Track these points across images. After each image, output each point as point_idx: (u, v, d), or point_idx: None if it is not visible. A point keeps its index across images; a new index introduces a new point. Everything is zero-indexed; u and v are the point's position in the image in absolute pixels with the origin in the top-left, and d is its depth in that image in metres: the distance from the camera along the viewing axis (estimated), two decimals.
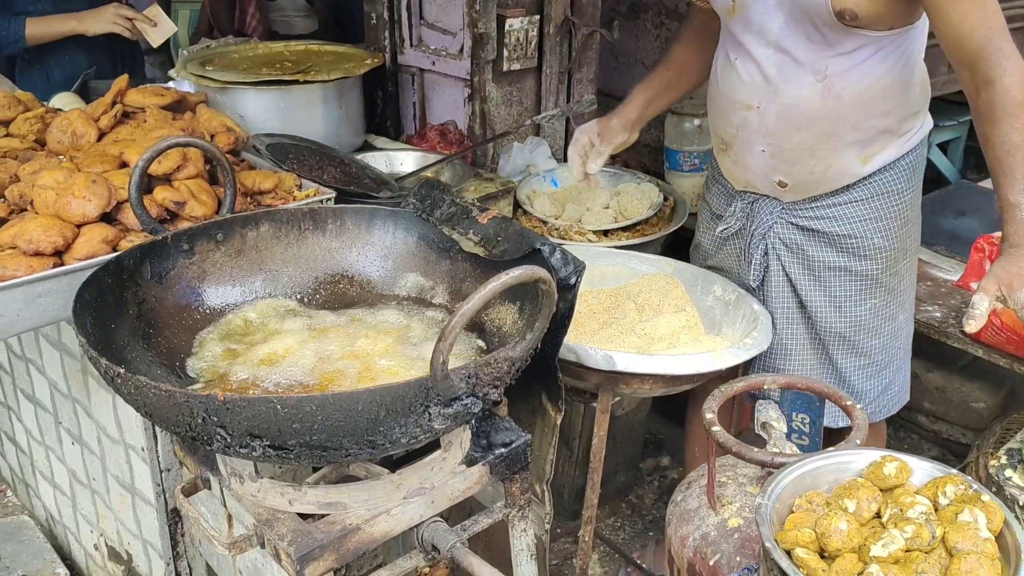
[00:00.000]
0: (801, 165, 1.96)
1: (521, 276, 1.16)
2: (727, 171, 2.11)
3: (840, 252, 2.02)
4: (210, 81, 2.43)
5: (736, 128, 1.99)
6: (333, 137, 2.49)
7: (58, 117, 2.18)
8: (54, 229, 1.69)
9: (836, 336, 2.08)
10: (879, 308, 2.07)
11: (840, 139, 1.91)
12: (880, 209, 1.99)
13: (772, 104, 1.91)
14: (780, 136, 1.93)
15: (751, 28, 1.89)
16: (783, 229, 2.05)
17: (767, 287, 2.11)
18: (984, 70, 1.68)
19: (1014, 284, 1.64)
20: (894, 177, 1.98)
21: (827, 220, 2.01)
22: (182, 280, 1.61)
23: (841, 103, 1.87)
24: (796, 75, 1.87)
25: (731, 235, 2.15)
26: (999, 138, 1.67)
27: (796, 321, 2.10)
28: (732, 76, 1.97)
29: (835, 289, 2.05)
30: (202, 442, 1.23)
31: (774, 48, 1.88)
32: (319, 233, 1.74)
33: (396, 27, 2.81)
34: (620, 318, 2.17)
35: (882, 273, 2.04)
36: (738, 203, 2.10)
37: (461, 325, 1.13)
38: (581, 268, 1.50)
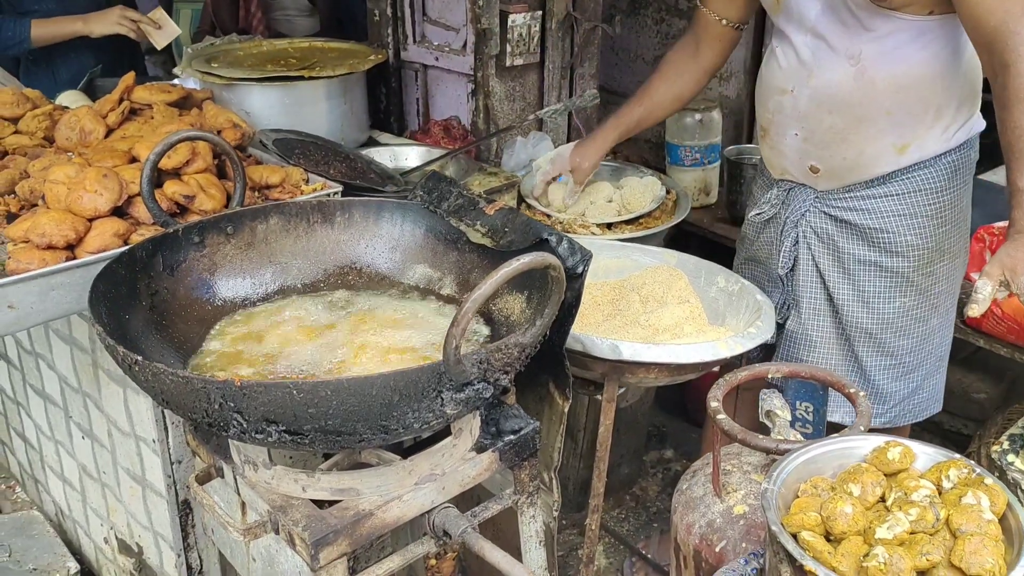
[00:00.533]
0: (832, 149, 1.95)
1: (532, 262, 1.18)
2: (766, 159, 2.14)
3: (871, 246, 2.00)
4: (216, 78, 2.45)
5: (772, 113, 2.03)
6: (338, 133, 2.51)
7: (66, 114, 2.20)
8: (66, 223, 1.71)
9: (862, 332, 2.05)
10: (909, 308, 2.04)
11: (872, 125, 1.90)
12: (916, 206, 1.96)
13: (805, 88, 1.93)
14: (812, 119, 1.95)
15: (792, 17, 1.94)
16: (815, 218, 2.04)
17: (795, 277, 2.11)
18: (1000, 53, 1.68)
19: (1018, 269, 1.64)
20: (934, 175, 1.95)
21: (860, 212, 1.99)
22: (193, 272, 1.63)
23: (875, 88, 1.86)
24: (830, 59, 1.89)
25: (766, 222, 2.16)
26: (1012, 123, 1.67)
27: (823, 313, 2.08)
28: (772, 63, 2.02)
29: (864, 284, 2.03)
30: (218, 428, 1.25)
31: (811, 34, 1.91)
32: (328, 226, 1.76)
33: (399, 23, 2.83)
34: (624, 310, 2.18)
35: (914, 272, 2.00)
36: (775, 190, 2.12)
37: (474, 311, 1.15)
38: (588, 257, 1.52)
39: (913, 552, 1.30)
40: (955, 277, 2.08)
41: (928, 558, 1.27)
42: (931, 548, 1.29)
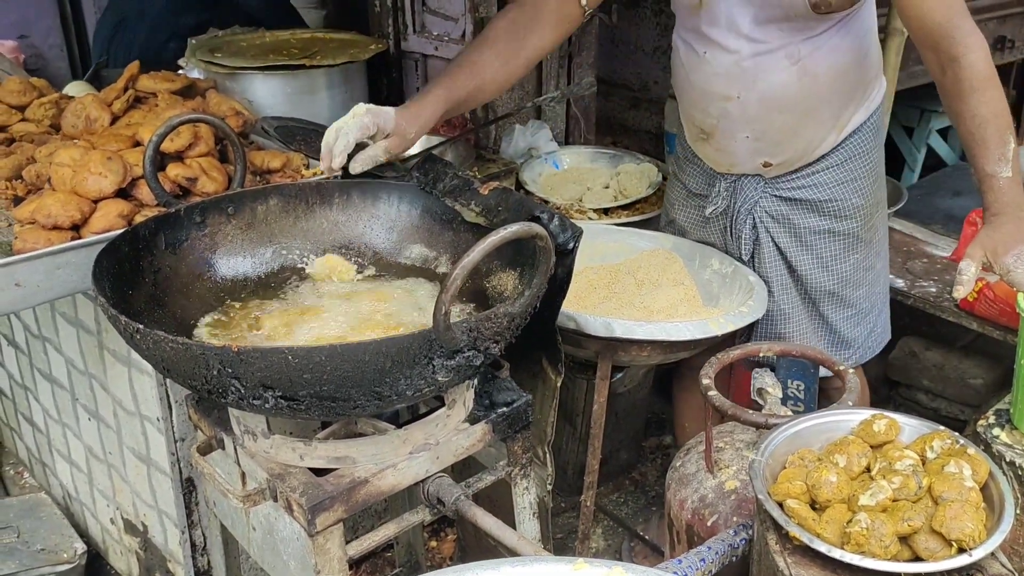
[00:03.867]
0: (785, 145, 2.03)
1: (519, 231, 1.21)
2: (707, 157, 2.16)
3: (823, 216, 2.10)
4: (219, 67, 2.50)
5: (717, 119, 2.04)
6: None
7: (72, 102, 2.24)
8: (71, 204, 1.76)
9: (825, 293, 2.16)
10: (860, 261, 2.16)
11: (818, 115, 1.99)
12: (854, 171, 2.08)
13: (752, 93, 1.97)
14: (763, 121, 1.99)
15: (719, 22, 1.93)
16: (768, 203, 2.12)
17: (759, 258, 2.18)
18: (948, 48, 1.74)
19: (998, 250, 1.70)
20: (863, 139, 2.07)
21: (808, 188, 2.09)
22: (195, 251, 1.67)
23: (817, 82, 1.94)
24: (771, 62, 1.93)
25: (717, 214, 2.21)
26: (969, 112, 1.73)
27: (789, 286, 2.18)
28: (704, 69, 2.00)
29: (821, 251, 2.13)
30: (217, 395, 1.29)
31: (746, 39, 1.92)
32: (326, 207, 1.80)
33: (399, 14, 2.87)
34: (620, 292, 2.22)
35: (860, 229, 2.13)
36: (721, 183, 2.16)
37: (463, 277, 1.19)
38: (579, 233, 1.56)
39: (895, 518, 1.33)
40: (885, 221, 2.25)
41: (909, 523, 1.30)
42: (913, 514, 1.33)
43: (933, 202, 3.20)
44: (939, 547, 1.27)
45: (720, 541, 1.58)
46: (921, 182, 3.69)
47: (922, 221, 3.03)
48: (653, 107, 3.46)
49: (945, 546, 1.26)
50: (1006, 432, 1.76)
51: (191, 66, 2.62)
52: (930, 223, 3.01)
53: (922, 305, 2.60)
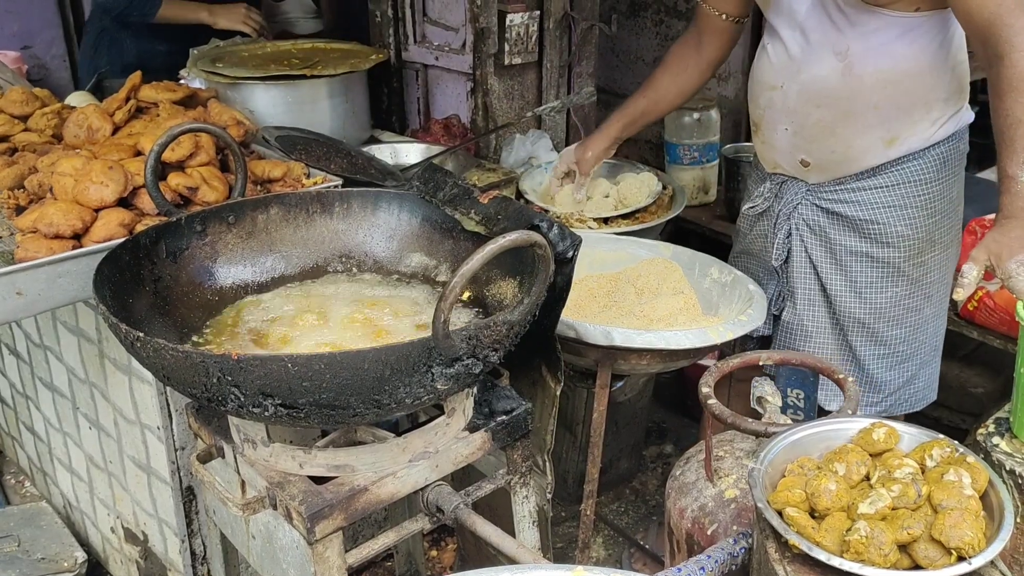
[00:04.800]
0: (821, 143, 1.99)
1: (517, 239, 1.22)
2: (759, 153, 2.18)
3: (862, 237, 2.03)
4: (220, 77, 2.51)
5: (763, 109, 2.06)
6: (340, 131, 2.57)
7: (74, 112, 2.26)
8: (73, 213, 1.76)
9: (855, 322, 2.09)
10: (901, 297, 2.06)
11: (860, 119, 1.94)
12: (905, 197, 1.99)
13: (794, 83, 1.97)
14: (800, 114, 1.98)
15: (782, 12, 1.98)
16: (807, 210, 2.08)
17: (790, 268, 2.14)
18: (994, 45, 1.71)
19: (1003, 254, 1.67)
20: (922, 166, 1.98)
21: (851, 204, 2.02)
22: (195, 259, 1.68)
23: (862, 83, 1.90)
24: (817, 54, 1.93)
25: (759, 215, 2.19)
26: (1004, 111, 1.70)
27: (817, 303, 2.11)
28: (763, 59, 2.06)
29: (856, 274, 2.06)
30: (217, 403, 1.29)
31: (799, 30, 1.94)
32: (327, 216, 1.80)
33: (400, 24, 2.89)
34: (620, 301, 2.23)
35: (905, 262, 2.04)
36: (768, 184, 2.15)
37: (462, 285, 1.19)
38: (578, 242, 1.56)
39: (894, 526, 1.33)
40: (947, 267, 2.11)
41: (909, 532, 1.30)
42: (912, 522, 1.33)
43: None
44: (938, 555, 1.26)
45: (720, 550, 1.58)
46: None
47: None
48: None
49: (944, 554, 1.26)
50: (1006, 441, 1.76)
51: (192, 76, 2.63)
52: None
53: None
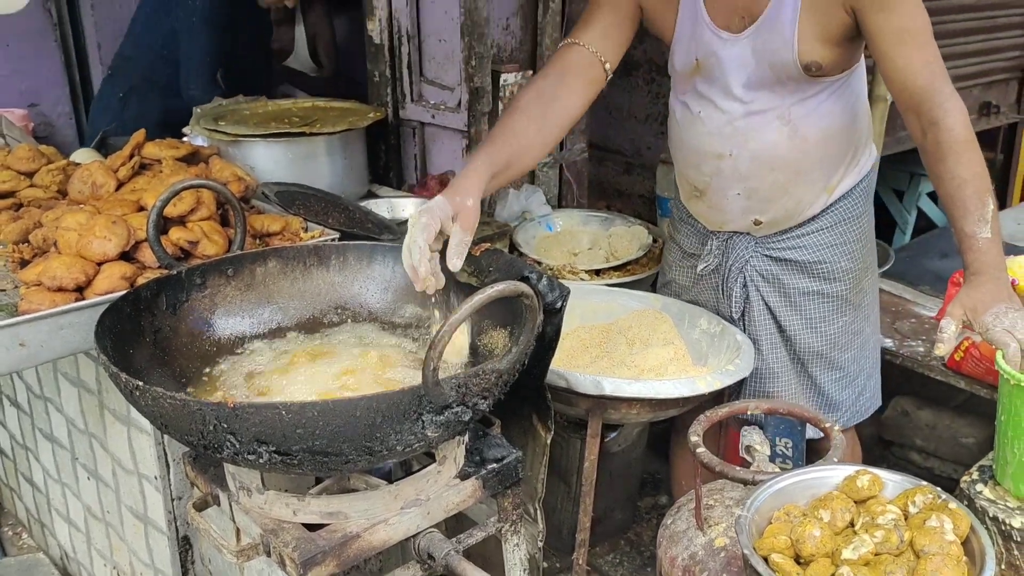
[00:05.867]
0: (775, 203, 2.08)
1: (505, 290, 1.27)
2: (700, 215, 2.23)
3: (812, 277, 2.15)
4: (222, 135, 2.58)
5: (710, 176, 2.11)
6: (338, 187, 2.63)
7: (79, 168, 2.32)
8: (76, 266, 1.81)
9: (813, 354, 2.20)
10: (848, 324, 2.21)
11: (808, 175, 2.05)
12: (844, 234, 2.14)
13: (744, 151, 2.03)
14: (755, 179, 2.06)
15: (715, 83, 2.01)
16: (759, 262, 2.18)
17: (748, 317, 2.22)
18: (929, 111, 1.80)
19: (978, 309, 1.74)
20: (852, 203, 2.13)
21: (798, 250, 2.14)
22: (195, 311, 1.72)
23: (807, 143, 2.01)
24: (763, 122, 2.00)
25: (709, 271, 2.26)
26: (949, 174, 1.77)
27: (777, 345, 2.22)
28: (699, 129, 2.07)
29: (810, 312, 2.18)
30: (213, 450, 1.33)
31: (739, 101, 2.00)
32: (323, 268, 1.85)
33: (398, 84, 2.97)
34: (612, 351, 2.27)
35: (849, 292, 2.18)
36: (713, 242, 2.22)
37: (450, 334, 1.24)
38: (566, 293, 1.61)
39: (877, 572, 1.36)
40: (876, 287, 2.30)
41: None
42: (895, 568, 1.36)
43: (921, 263, 3.25)
44: None
45: None
46: (909, 244, 3.76)
47: (910, 282, 3.08)
48: (646, 172, 3.55)
49: None
50: (989, 488, 1.79)
51: (195, 134, 2.70)
52: (918, 284, 3.06)
53: (911, 364, 2.64)
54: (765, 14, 1.90)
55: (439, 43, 2.84)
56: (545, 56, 2.79)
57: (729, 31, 1.96)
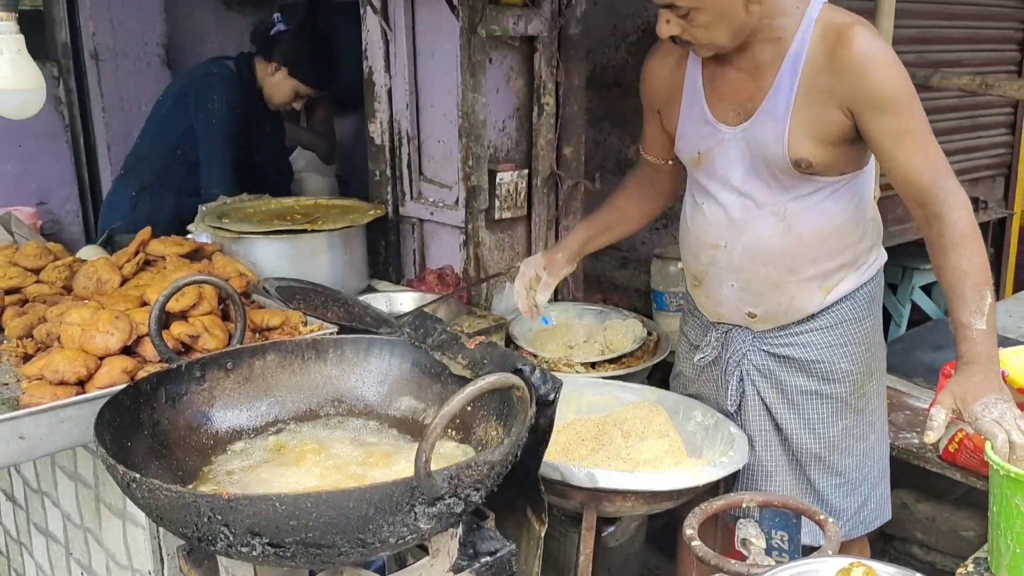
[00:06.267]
0: (768, 297, 2.12)
1: (496, 382, 1.30)
2: (701, 305, 2.27)
3: (810, 377, 2.15)
4: (226, 232, 2.65)
5: (706, 265, 2.16)
6: (338, 281, 2.68)
7: (85, 265, 2.37)
8: (78, 361, 1.85)
9: (812, 456, 2.18)
10: (850, 428, 2.19)
11: (802, 272, 2.07)
12: (844, 335, 2.13)
13: (738, 243, 2.08)
14: (747, 271, 2.10)
15: (715, 176, 2.09)
16: (756, 356, 2.19)
17: (744, 411, 2.23)
18: (933, 206, 1.86)
19: (967, 398, 1.77)
20: (854, 306, 2.14)
21: (796, 347, 2.15)
22: (193, 404, 1.75)
23: (801, 241, 2.04)
24: (758, 216, 2.05)
25: (708, 363, 2.29)
26: (950, 266, 1.83)
27: (773, 443, 2.21)
28: (700, 218, 2.15)
29: (808, 412, 2.17)
30: (207, 542, 1.34)
31: (737, 193, 2.06)
32: (321, 361, 1.88)
33: (398, 182, 3.06)
34: (607, 444, 2.28)
35: (850, 395, 2.16)
36: (713, 333, 2.25)
37: (442, 426, 1.26)
38: (559, 386, 1.64)
39: None
40: (883, 394, 2.28)
41: None
42: None
43: (915, 356, 3.28)
44: None
45: None
46: (903, 336, 3.79)
47: (904, 374, 3.11)
48: (641, 267, 3.61)
49: None
50: None
51: (199, 231, 2.77)
52: (912, 376, 3.09)
53: (906, 457, 2.64)
54: (760, 108, 1.97)
55: (438, 144, 2.94)
56: (540, 156, 2.88)
57: (727, 124, 2.03)
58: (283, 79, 3.39)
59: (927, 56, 4.10)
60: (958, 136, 4.41)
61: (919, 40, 4.09)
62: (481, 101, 2.70)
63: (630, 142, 3.81)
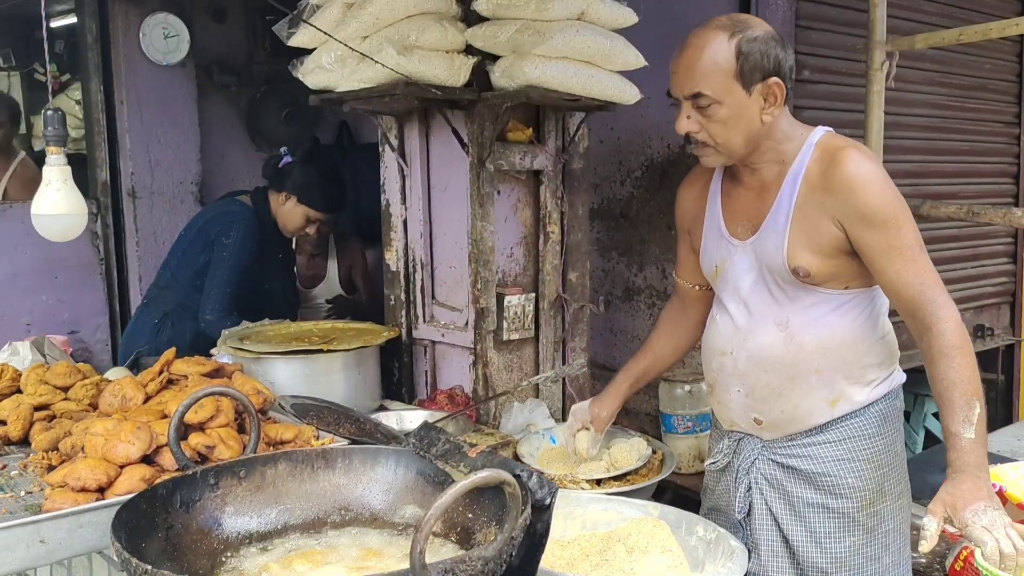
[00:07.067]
0: (771, 404, 2.17)
1: (488, 477, 1.38)
2: (716, 412, 2.36)
3: (817, 490, 2.16)
4: (246, 352, 2.78)
5: (716, 372, 2.26)
6: (352, 400, 2.78)
7: (111, 383, 2.49)
8: (100, 469, 1.94)
9: (818, 571, 2.17)
10: (860, 547, 2.16)
11: (804, 382, 2.13)
12: (851, 451, 2.15)
13: (742, 350, 2.18)
14: (751, 377, 2.17)
15: (728, 287, 2.22)
16: (764, 465, 2.23)
17: (752, 520, 2.25)
18: (923, 318, 1.95)
19: (957, 505, 1.82)
20: (864, 422, 2.15)
21: (803, 459, 2.17)
22: (206, 510, 1.82)
23: (803, 350, 2.11)
24: (761, 325, 2.15)
25: (722, 471, 2.33)
26: (939, 375, 1.91)
27: (780, 554, 2.21)
28: (713, 328, 2.28)
29: (815, 525, 2.17)
30: None
31: (743, 303, 2.18)
32: (329, 471, 1.96)
33: (411, 306, 3.20)
34: (611, 560, 2.30)
35: (858, 512, 2.15)
36: (726, 441, 2.32)
37: (436, 517, 1.34)
38: (555, 490, 1.70)
39: None
40: (901, 516, 2.24)
41: None
42: None
43: (924, 477, 3.29)
44: None
45: None
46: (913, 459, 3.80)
47: (913, 496, 3.11)
48: (651, 391, 3.68)
49: None
50: None
51: (222, 353, 2.90)
52: (920, 498, 3.08)
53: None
54: (765, 223, 2.11)
55: (450, 269, 3.10)
56: (546, 280, 3.02)
57: (738, 239, 2.17)
58: (293, 206, 3.64)
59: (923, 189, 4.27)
60: (959, 265, 4.54)
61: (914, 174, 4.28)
62: (489, 229, 2.87)
63: (637, 270, 3.96)
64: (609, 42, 2.76)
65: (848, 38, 3.72)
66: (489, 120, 2.81)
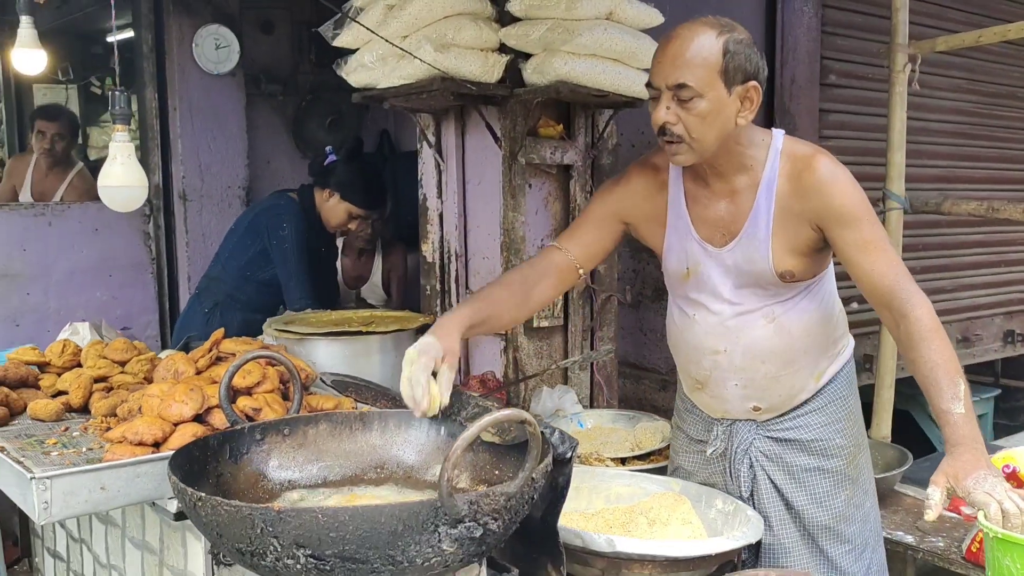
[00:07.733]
0: (770, 390, 2.32)
1: (510, 414, 1.51)
2: (704, 405, 2.45)
3: (812, 455, 2.33)
4: (289, 334, 2.94)
5: (709, 370, 2.36)
6: (388, 381, 2.92)
7: (164, 359, 2.67)
8: (156, 425, 2.10)
9: (822, 528, 2.33)
10: (850, 498, 2.35)
11: (796, 364, 2.29)
12: (833, 414, 2.35)
13: (737, 347, 2.30)
14: (749, 370, 2.31)
15: (705, 289, 2.30)
16: (762, 444, 2.37)
17: (758, 495, 2.38)
18: (898, 307, 2.06)
19: (959, 475, 1.92)
20: (838, 387, 2.36)
21: (796, 430, 2.34)
22: (253, 462, 1.97)
23: (792, 337, 2.27)
24: (751, 321, 2.28)
25: (717, 456, 2.45)
26: (922, 359, 2.01)
27: (787, 521, 2.35)
28: (695, 329, 2.35)
29: (814, 487, 2.33)
30: (259, 556, 1.53)
31: (728, 303, 2.28)
32: (367, 431, 2.11)
33: (447, 296, 3.34)
34: (633, 531, 2.41)
35: (847, 467, 2.35)
36: (718, 428, 2.43)
37: (462, 448, 1.47)
38: (575, 444, 1.83)
39: None
40: (869, 464, 2.46)
41: None
42: None
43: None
44: None
45: None
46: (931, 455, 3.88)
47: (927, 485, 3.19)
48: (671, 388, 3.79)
49: None
50: None
51: (267, 336, 3.06)
52: None
53: (932, 559, 2.72)
54: (743, 231, 2.22)
55: (483, 260, 3.24)
56: None
57: (713, 245, 2.27)
58: (337, 203, 3.84)
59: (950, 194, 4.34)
60: (986, 271, 4.57)
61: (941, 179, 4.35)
62: (521, 220, 3.00)
63: None
64: (636, 41, 2.89)
65: (873, 44, 3.81)
66: (521, 115, 2.95)
